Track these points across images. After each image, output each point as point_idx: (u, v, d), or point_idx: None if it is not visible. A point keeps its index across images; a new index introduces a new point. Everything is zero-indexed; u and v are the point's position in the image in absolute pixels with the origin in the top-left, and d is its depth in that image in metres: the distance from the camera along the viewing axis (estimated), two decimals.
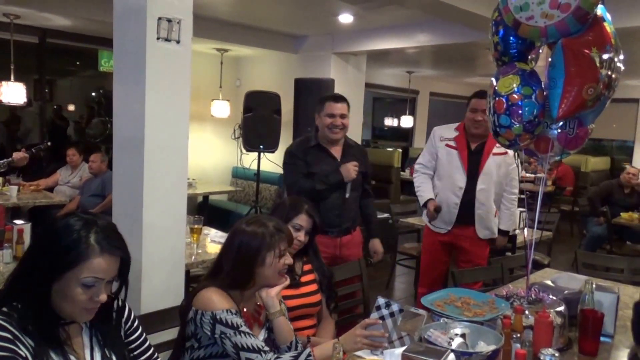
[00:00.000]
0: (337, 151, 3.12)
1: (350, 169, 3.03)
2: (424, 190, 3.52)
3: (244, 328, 1.72)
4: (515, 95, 2.07)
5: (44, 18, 5.47)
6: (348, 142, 3.19)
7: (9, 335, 1.24)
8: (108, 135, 7.39)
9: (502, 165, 3.38)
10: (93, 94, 7.99)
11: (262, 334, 1.91)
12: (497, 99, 2.13)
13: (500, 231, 3.53)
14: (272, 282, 1.87)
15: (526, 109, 2.06)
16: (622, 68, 2.01)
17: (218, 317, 1.72)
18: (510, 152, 3.19)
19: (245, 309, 1.87)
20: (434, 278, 3.57)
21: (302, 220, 2.30)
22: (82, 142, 6.68)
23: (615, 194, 6.16)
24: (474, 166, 3.36)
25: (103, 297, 1.34)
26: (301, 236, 2.30)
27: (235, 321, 1.72)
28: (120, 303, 1.51)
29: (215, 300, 1.75)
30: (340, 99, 3.11)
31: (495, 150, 3.32)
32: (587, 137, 2.13)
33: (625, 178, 6.14)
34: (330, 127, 3.04)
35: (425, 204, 3.48)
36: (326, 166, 3.07)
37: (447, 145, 3.42)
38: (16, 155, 3.22)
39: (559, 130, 2.13)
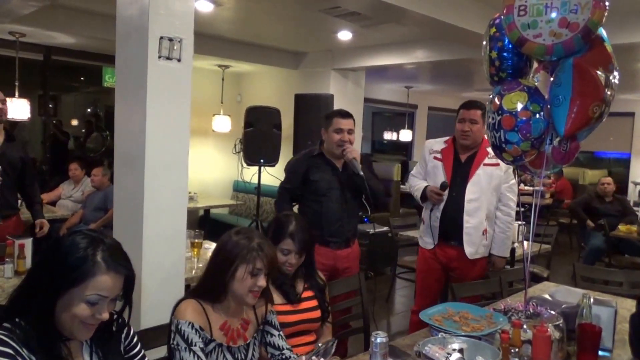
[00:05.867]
0: (339, 163, 3.16)
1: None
2: (419, 183, 3.41)
3: (196, 348, 1.73)
4: (524, 112, 2.10)
5: (49, 36, 5.54)
6: None
7: (10, 351, 1.24)
8: (107, 149, 7.44)
9: (493, 176, 3.25)
10: (88, 110, 8.03)
11: (250, 350, 1.92)
12: (503, 115, 2.14)
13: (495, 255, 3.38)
14: (242, 299, 1.84)
15: (535, 125, 2.09)
16: (617, 85, 2.05)
17: (179, 327, 1.75)
18: (503, 165, 3.17)
19: (229, 324, 1.87)
20: (428, 301, 3.26)
21: (287, 244, 2.26)
22: (82, 157, 6.72)
23: (595, 204, 6.34)
24: (461, 177, 3.25)
25: (105, 315, 1.34)
26: (292, 259, 2.27)
27: (191, 337, 1.73)
28: (120, 320, 1.51)
29: (186, 311, 1.78)
30: (347, 114, 3.14)
31: (486, 160, 3.25)
32: (577, 151, 2.16)
33: (601, 189, 6.39)
34: (339, 144, 3.06)
35: (424, 192, 3.33)
36: (326, 175, 3.12)
37: (434, 157, 3.38)
38: None
39: (556, 145, 2.15)
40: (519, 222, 4.29)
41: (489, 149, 3.24)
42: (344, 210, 3.13)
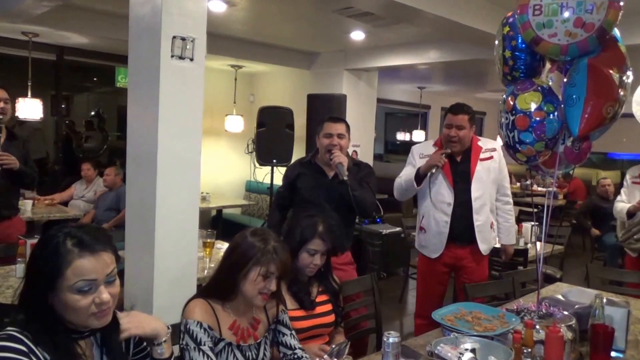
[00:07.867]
0: (330, 171, 3.05)
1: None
2: (408, 174, 3.29)
3: (205, 347, 1.72)
4: (538, 112, 2.09)
5: (62, 36, 5.59)
6: (354, 162, 3.11)
7: (24, 348, 1.24)
8: (107, 148, 7.50)
9: (491, 170, 3.26)
10: (92, 113, 8.09)
11: (262, 349, 1.91)
12: (517, 115, 2.13)
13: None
14: (251, 300, 1.84)
15: (549, 125, 2.08)
16: (631, 85, 2.04)
17: (188, 326, 1.75)
18: (495, 155, 3.26)
19: (238, 323, 1.86)
20: (431, 305, 3.09)
21: (316, 244, 2.24)
22: (84, 156, 6.76)
23: (601, 206, 6.30)
24: (461, 177, 3.22)
25: (105, 297, 1.32)
26: (317, 260, 2.25)
27: (200, 337, 1.73)
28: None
29: (194, 310, 1.78)
30: (338, 119, 3.10)
31: (481, 155, 3.24)
32: (589, 151, 2.15)
33: (603, 190, 6.42)
34: (328, 148, 2.97)
35: (417, 172, 3.21)
36: (311, 182, 3.03)
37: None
38: None
39: (569, 145, 2.14)
40: (532, 223, 4.27)
41: (480, 143, 3.30)
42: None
